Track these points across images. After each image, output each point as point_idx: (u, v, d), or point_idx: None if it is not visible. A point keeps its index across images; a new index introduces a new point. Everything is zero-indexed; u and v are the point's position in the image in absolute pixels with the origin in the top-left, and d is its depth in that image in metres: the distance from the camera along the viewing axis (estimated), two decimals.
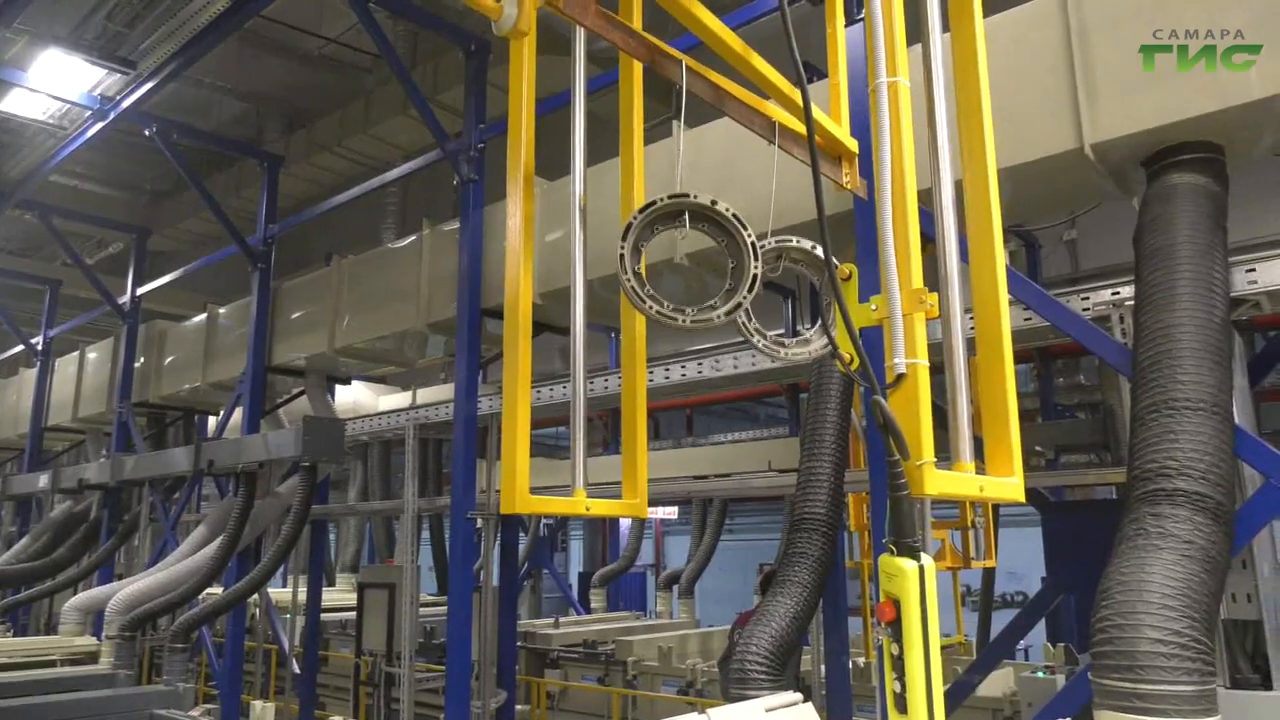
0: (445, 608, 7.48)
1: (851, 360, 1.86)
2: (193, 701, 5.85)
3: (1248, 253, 3.82)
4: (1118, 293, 4.09)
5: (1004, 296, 2.29)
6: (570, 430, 2.76)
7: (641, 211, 2.16)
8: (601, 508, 2.69)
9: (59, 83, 7.75)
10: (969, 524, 7.74)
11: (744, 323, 2.20)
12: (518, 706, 8.05)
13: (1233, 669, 3.62)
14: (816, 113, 2.24)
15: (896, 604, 1.74)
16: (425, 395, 9.94)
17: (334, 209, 8.53)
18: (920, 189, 2.16)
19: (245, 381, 8.48)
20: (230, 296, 9.77)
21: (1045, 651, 8.58)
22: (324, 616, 11.00)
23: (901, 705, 1.76)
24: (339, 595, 13.06)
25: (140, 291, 10.92)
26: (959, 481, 1.91)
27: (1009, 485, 2.10)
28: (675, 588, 10.65)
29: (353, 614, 10.22)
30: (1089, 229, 8.73)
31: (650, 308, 2.09)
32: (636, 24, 2.35)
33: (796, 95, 2.22)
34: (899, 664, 1.75)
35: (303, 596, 10.36)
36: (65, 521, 10.66)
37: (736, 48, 2.22)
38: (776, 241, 2.47)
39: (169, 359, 10.44)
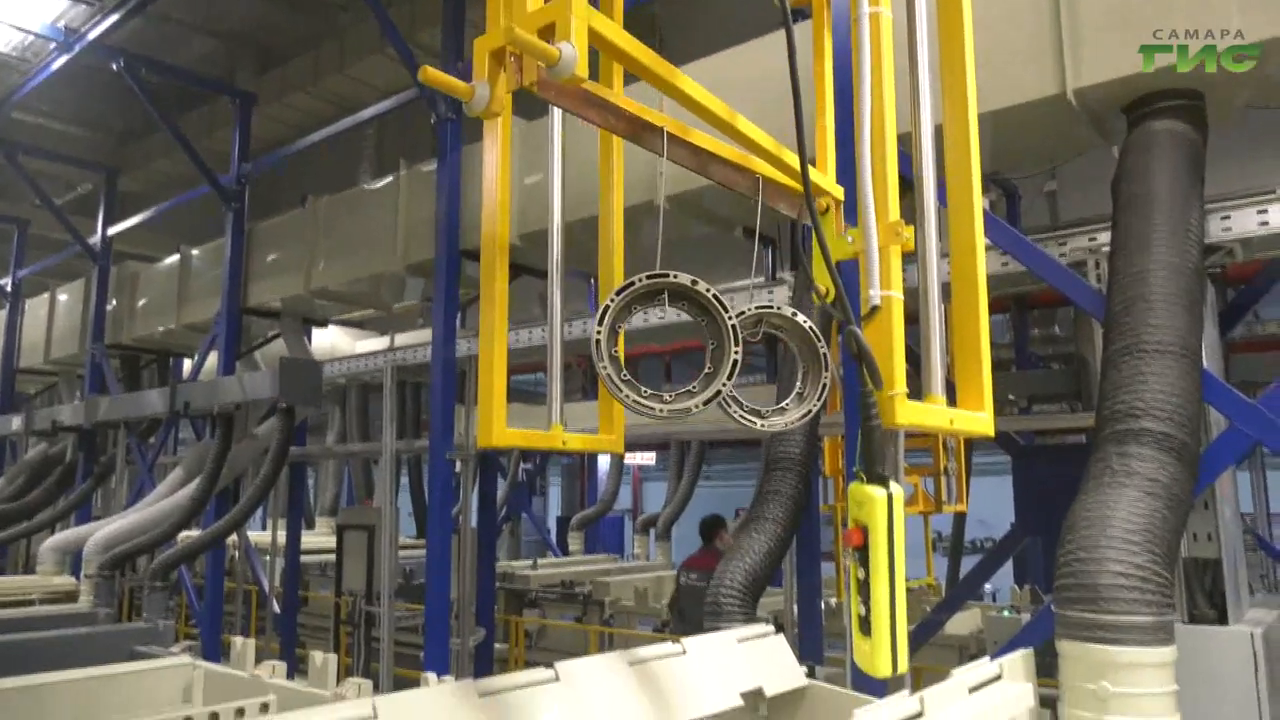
0: (424, 550, 7.55)
1: (827, 293, 1.87)
2: (173, 638, 5.88)
3: (1223, 200, 3.85)
4: (1094, 239, 4.13)
5: (979, 231, 2.31)
6: (548, 366, 2.77)
7: (619, 293, 2.06)
8: (578, 442, 2.71)
9: (21, 13, 7.52)
10: (941, 470, 7.87)
11: (722, 403, 2.13)
12: (496, 644, 8.19)
13: (1190, 605, 3.74)
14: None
15: (864, 530, 1.78)
16: (404, 340, 9.90)
17: (309, 148, 8.38)
18: (900, 133, 2.15)
19: (220, 323, 8.40)
20: (203, 240, 9.64)
21: (1012, 594, 8.82)
22: (303, 559, 11.09)
23: (866, 628, 1.81)
24: (318, 538, 13.14)
25: (111, 232, 10.74)
26: (930, 413, 1.94)
27: (979, 420, 2.14)
28: (652, 531, 10.80)
29: (332, 556, 10.31)
30: (1069, 181, 8.75)
31: (627, 396, 2.04)
32: (617, 89, 2.22)
33: (783, 154, 2.22)
34: (864, 588, 1.80)
35: (282, 539, 10.43)
36: (40, 463, 10.61)
37: (723, 114, 2.12)
38: (757, 308, 2.41)
39: (141, 301, 10.31)
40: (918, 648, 5.55)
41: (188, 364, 11.24)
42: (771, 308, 2.41)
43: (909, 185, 2.19)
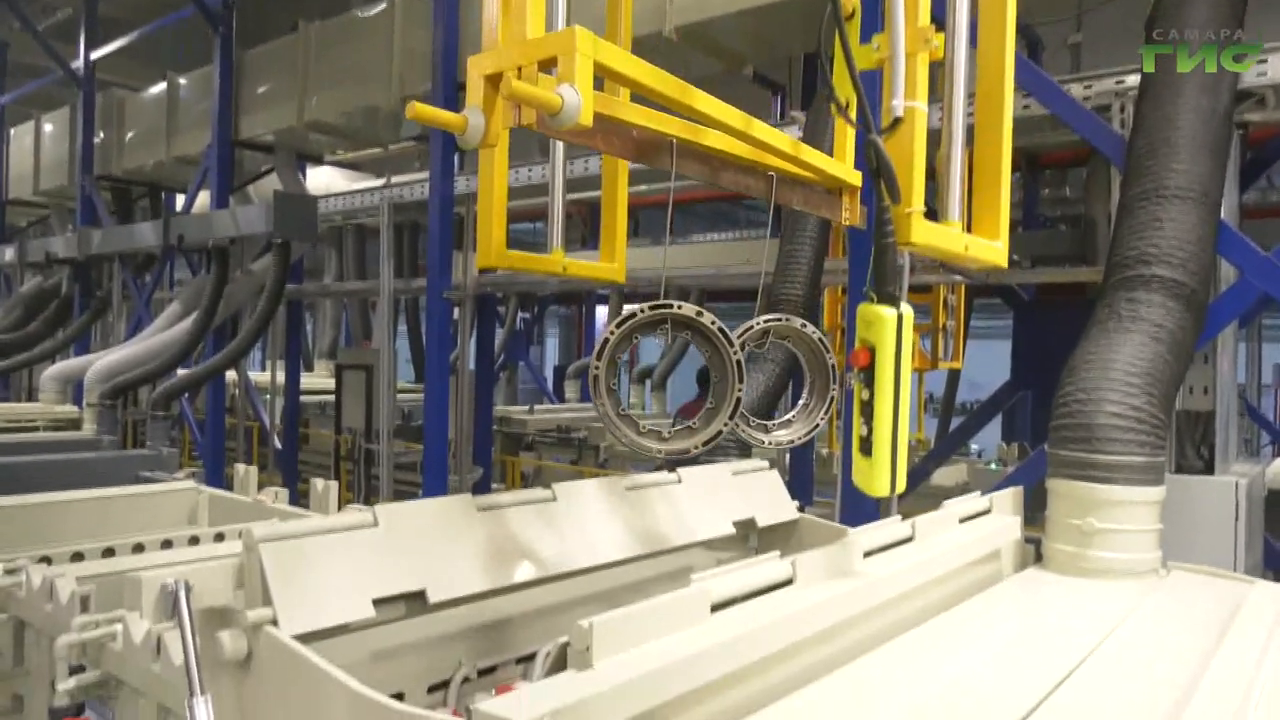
0: (422, 394, 7.63)
1: (848, 105, 1.77)
2: (177, 465, 6.00)
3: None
4: (1121, 81, 3.95)
5: (1010, 56, 2.17)
6: (550, 189, 2.68)
7: (619, 324, 1.93)
8: (578, 268, 2.66)
9: None
10: (940, 327, 7.87)
11: (723, 429, 2.03)
12: (493, 485, 8.41)
13: (1179, 456, 3.80)
14: (820, 157, 2.13)
15: (871, 351, 1.75)
16: (401, 179, 9.70)
17: None
18: None
19: (211, 155, 8.18)
20: (190, 69, 9.26)
21: (999, 450, 9.00)
22: (303, 399, 11.25)
23: (867, 448, 1.81)
24: (317, 380, 13.30)
25: (94, 56, 10.30)
26: (944, 235, 1.88)
27: (993, 248, 2.08)
28: (648, 382, 10.89)
29: (331, 396, 10.45)
30: (1095, 33, 8.37)
31: (624, 435, 1.92)
32: (624, 106, 1.93)
33: (799, 150, 2.08)
34: (868, 409, 1.78)
35: (281, 379, 10.54)
36: (36, 296, 10.57)
37: (738, 123, 1.94)
38: (765, 320, 2.30)
39: (130, 132, 10.00)
40: (905, 496, 5.68)
41: (180, 200, 11.05)
42: (780, 319, 2.31)
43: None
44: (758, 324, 2.28)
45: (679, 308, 1.94)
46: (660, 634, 1.43)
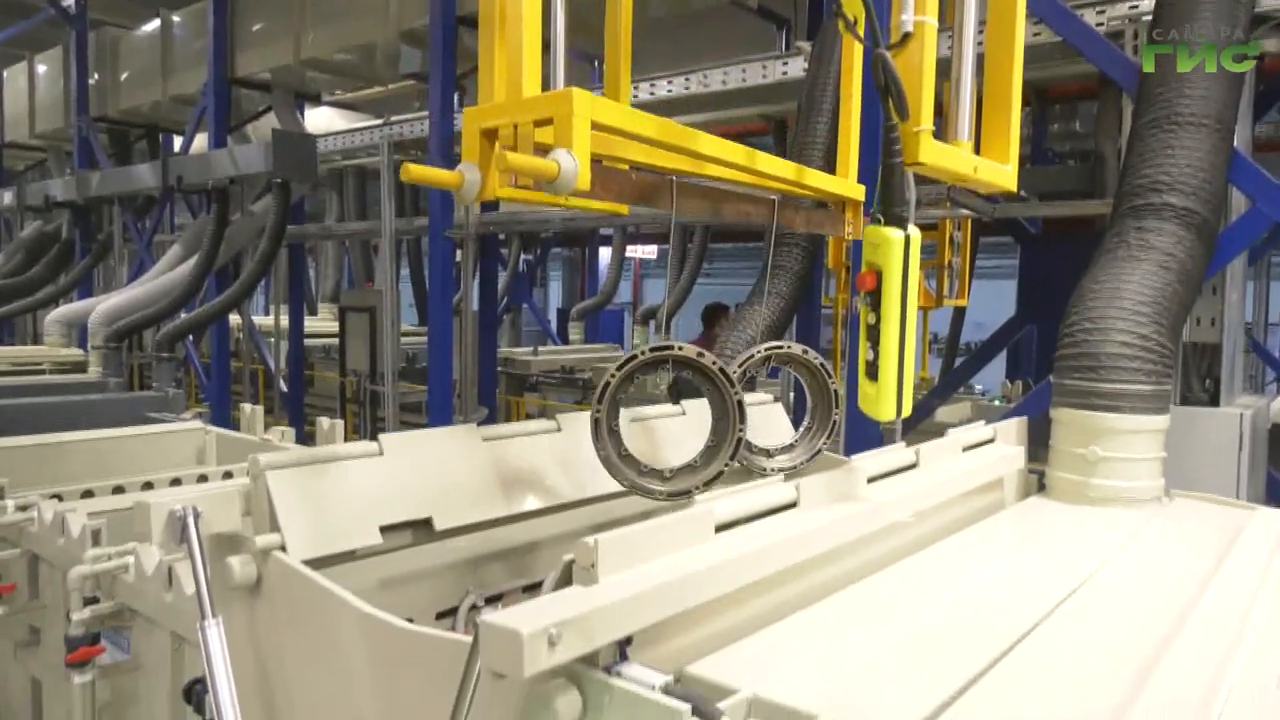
0: (426, 337, 7.62)
1: (855, 20, 1.72)
2: (184, 407, 6.03)
3: None
4: (1135, 6, 3.85)
5: None
6: None
7: (620, 367, 1.92)
8: (581, 201, 2.61)
9: None
10: (945, 264, 7.81)
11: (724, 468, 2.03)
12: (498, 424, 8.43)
13: (1184, 389, 3.79)
14: (824, 178, 2.19)
15: (878, 274, 1.73)
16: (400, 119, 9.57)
17: None
18: None
19: (208, 94, 8.06)
20: (184, 5, 9.07)
21: (1003, 388, 9.01)
22: (307, 343, 11.26)
23: (873, 373, 1.80)
24: (321, 324, 13.31)
25: None
26: (953, 156, 1.84)
27: (1003, 171, 2.05)
28: (653, 323, 10.88)
29: (335, 340, 10.46)
30: None
31: (626, 477, 1.93)
32: (623, 144, 1.89)
33: (803, 174, 2.12)
34: (874, 333, 1.77)
35: (285, 323, 10.54)
36: (37, 240, 10.51)
37: (742, 159, 1.95)
38: (766, 349, 2.31)
39: (125, 72, 9.85)
40: (907, 432, 5.70)
41: (179, 143, 10.93)
42: (781, 347, 2.33)
43: None
44: (758, 353, 2.32)
45: (680, 349, 1.96)
46: (665, 553, 1.44)
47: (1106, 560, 2.01)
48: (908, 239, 1.71)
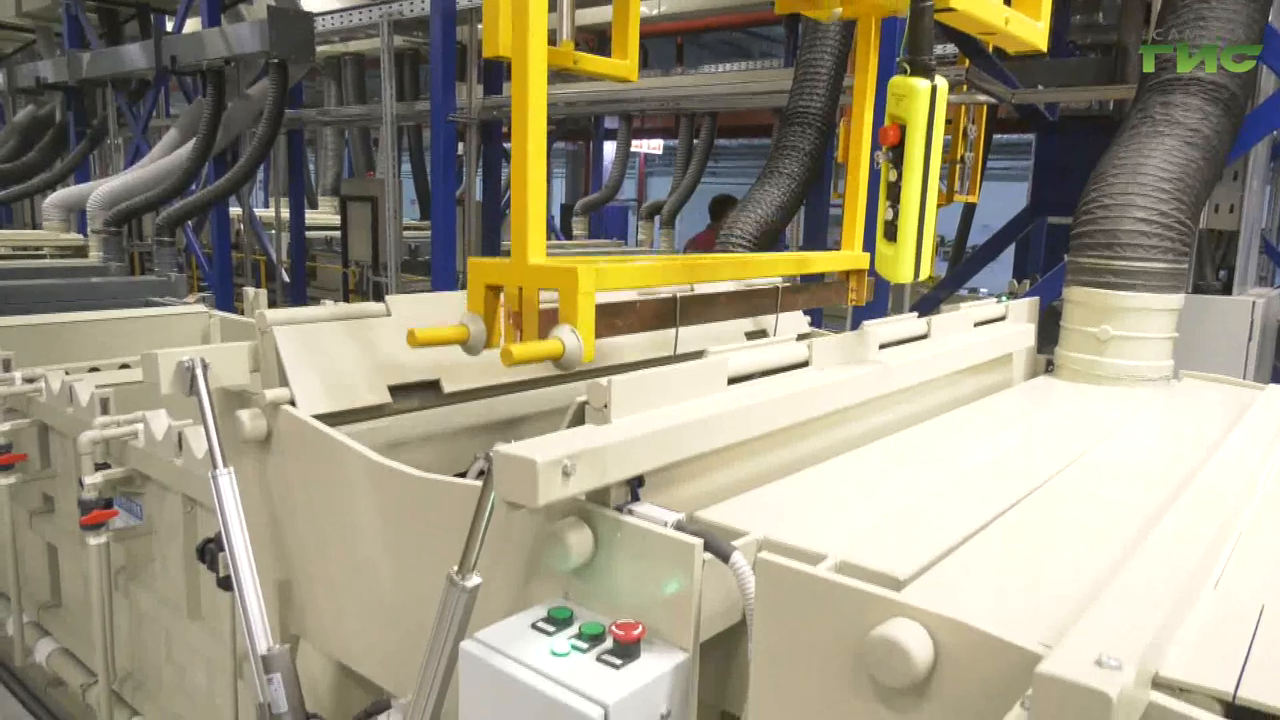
0: (428, 231, 7.51)
1: None
2: (186, 291, 6.00)
3: None
4: None
5: None
6: None
7: None
8: (590, 63, 2.52)
9: None
10: (957, 158, 7.65)
11: None
12: None
13: (1198, 277, 3.75)
14: (826, 259, 2.55)
15: (902, 128, 1.67)
16: None
17: None
18: None
19: None
20: None
21: (1010, 285, 8.95)
22: (309, 234, 11.14)
23: (891, 233, 1.76)
24: (322, 216, 13.16)
25: None
26: (984, 4, 1.76)
27: (1034, 27, 1.96)
28: (657, 218, 10.74)
29: (337, 232, 10.35)
30: None
31: None
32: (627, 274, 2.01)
33: (806, 264, 2.48)
34: (894, 190, 1.72)
35: (286, 216, 10.41)
36: (30, 125, 10.29)
37: (744, 270, 2.34)
38: None
39: None
40: None
41: (171, 23, 10.57)
42: None
43: None
44: None
45: None
46: (677, 399, 1.43)
47: (1114, 429, 2.01)
48: (934, 89, 1.64)
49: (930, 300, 5.74)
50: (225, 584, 1.91)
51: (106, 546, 2.85)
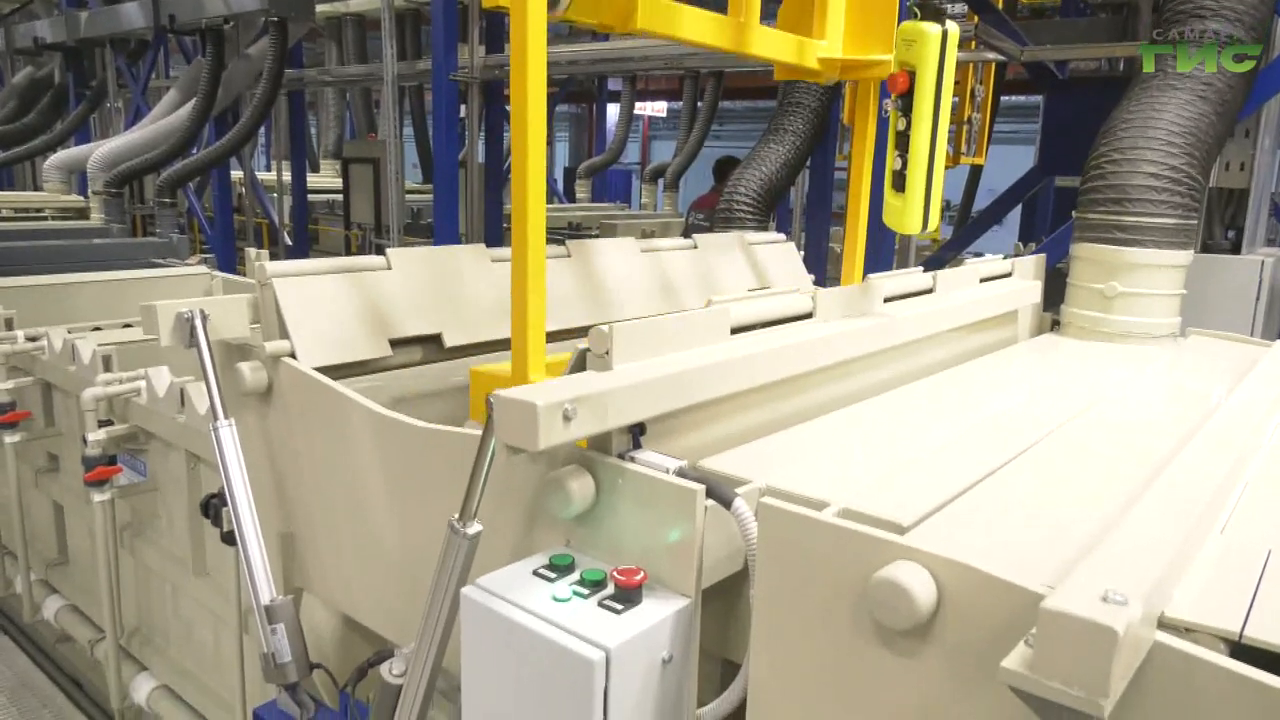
0: (430, 195, 7.45)
1: None
2: (188, 252, 5.97)
3: None
4: None
5: None
6: None
7: None
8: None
9: None
10: (964, 119, 7.55)
11: None
12: None
13: (1206, 236, 3.71)
14: None
15: (911, 74, 1.64)
16: None
17: None
18: None
19: None
20: None
21: (1016, 248, 8.88)
22: (311, 197, 11.07)
23: (900, 183, 1.73)
24: (324, 180, 13.07)
25: None
26: None
27: None
28: (660, 181, 10.66)
29: (339, 195, 10.28)
30: None
31: None
32: None
33: None
34: (903, 139, 1.69)
35: (288, 179, 10.33)
36: (29, 87, 10.21)
37: None
38: None
39: None
40: None
41: None
42: None
43: None
44: None
45: None
46: (679, 347, 1.42)
47: (1121, 383, 2.00)
48: (945, 34, 1.61)
49: (935, 262, 5.70)
50: (229, 539, 1.91)
51: (111, 503, 2.87)
